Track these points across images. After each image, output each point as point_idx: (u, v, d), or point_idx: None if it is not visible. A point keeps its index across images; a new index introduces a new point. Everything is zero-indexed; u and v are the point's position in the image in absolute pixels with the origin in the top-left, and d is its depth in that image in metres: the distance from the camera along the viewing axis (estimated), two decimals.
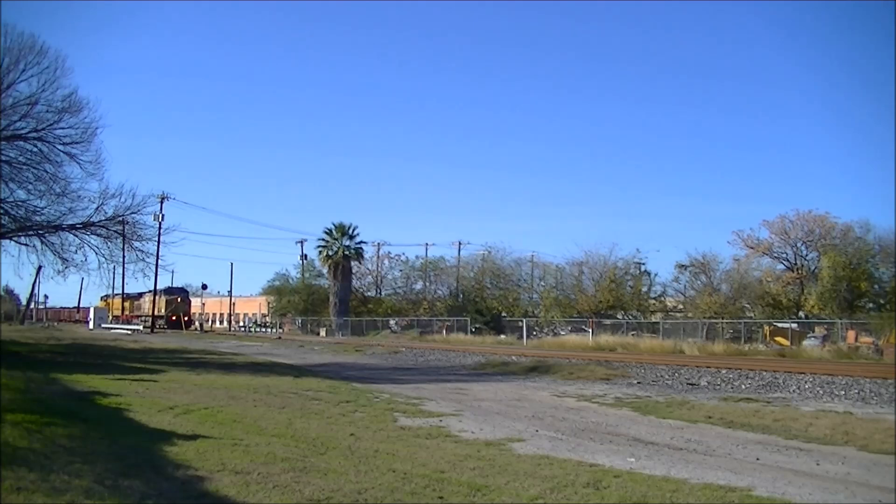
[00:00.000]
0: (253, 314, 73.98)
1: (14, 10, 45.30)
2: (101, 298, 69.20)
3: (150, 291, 63.37)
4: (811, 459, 7.29)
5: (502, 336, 40.60)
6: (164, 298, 61.26)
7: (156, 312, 60.60)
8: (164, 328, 58.02)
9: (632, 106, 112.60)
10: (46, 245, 21.66)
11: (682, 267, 43.60)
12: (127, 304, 66.92)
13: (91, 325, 60.03)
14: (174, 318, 60.41)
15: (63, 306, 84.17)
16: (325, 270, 55.93)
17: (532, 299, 51.81)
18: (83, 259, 22.41)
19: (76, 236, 21.82)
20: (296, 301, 59.91)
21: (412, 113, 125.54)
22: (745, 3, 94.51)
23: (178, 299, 62.59)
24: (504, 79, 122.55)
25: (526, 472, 6.27)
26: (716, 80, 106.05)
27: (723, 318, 35.57)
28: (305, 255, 62.96)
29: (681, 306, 43.90)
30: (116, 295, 64.29)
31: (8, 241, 21.74)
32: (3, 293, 63.11)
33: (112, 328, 58.03)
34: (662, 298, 45.78)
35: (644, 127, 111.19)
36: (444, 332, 42.34)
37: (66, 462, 5.47)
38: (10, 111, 19.66)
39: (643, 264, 46.45)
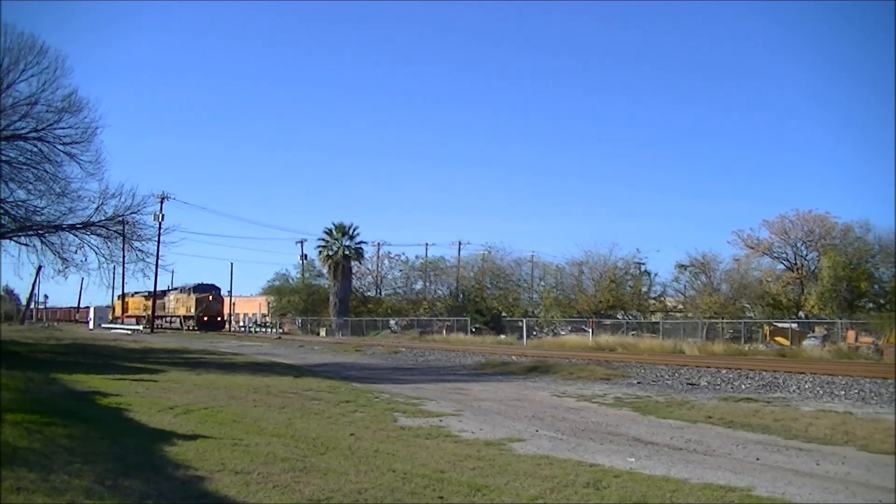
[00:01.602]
0: (253, 314, 73.87)
1: (14, 10, 45.33)
2: (118, 297, 65.77)
3: (176, 289, 59.49)
4: (811, 459, 7.29)
5: (502, 336, 40.59)
6: (194, 297, 55.58)
7: (185, 312, 56.36)
8: (195, 329, 53.12)
9: (632, 105, 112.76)
10: (46, 245, 21.67)
11: (682, 267, 43.69)
12: (148, 304, 60.66)
13: (91, 325, 59.90)
14: (206, 318, 54.30)
15: (63, 306, 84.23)
16: (325, 270, 55.93)
17: (532, 299, 51.84)
18: (83, 259, 22.46)
19: (76, 236, 21.83)
20: (296, 301, 59.85)
21: (412, 113, 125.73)
22: (745, 3, 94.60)
23: (210, 297, 56.02)
24: (504, 79, 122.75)
25: (526, 472, 6.27)
26: (716, 80, 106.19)
27: (723, 318, 35.56)
28: (305, 255, 62.92)
29: (681, 306, 43.90)
30: (136, 293, 61.50)
31: (8, 241, 21.76)
32: (3, 293, 63.11)
33: (112, 328, 57.77)
34: (662, 298, 45.79)
35: (644, 126, 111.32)
36: (444, 332, 42.33)
37: (66, 462, 5.47)
38: (10, 111, 19.66)
39: (643, 264, 46.58)
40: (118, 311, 67.17)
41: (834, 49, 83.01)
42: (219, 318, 56.48)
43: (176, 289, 59.51)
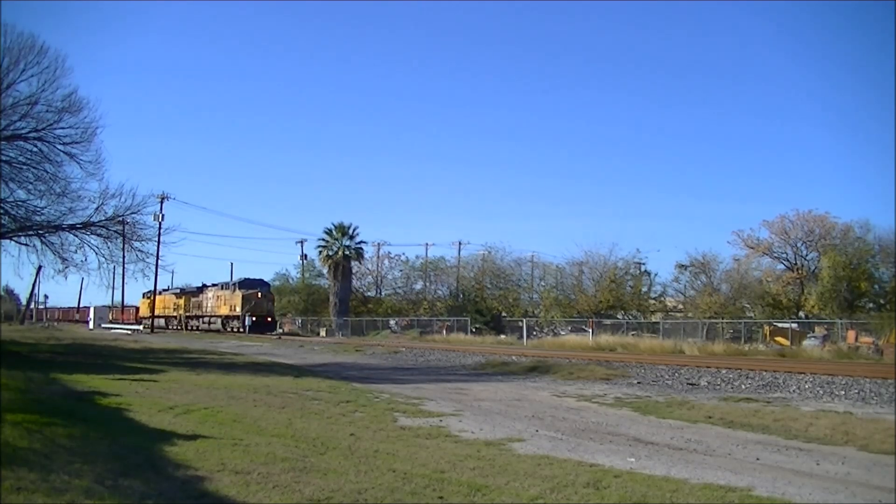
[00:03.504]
0: None
1: (14, 10, 45.38)
2: (144, 295, 61.25)
3: (215, 285, 53.52)
4: (811, 459, 7.29)
5: (502, 336, 40.60)
6: (239, 293, 48.37)
7: (228, 311, 49.94)
8: (239, 330, 46.90)
9: (632, 106, 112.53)
10: (46, 245, 21.72)
11: (682, 267, 43.78)
12: (181, 302, 55.71)
13: (91, 325, 59.86)
14: (254, 318, 47.88)
15: (63, 306, 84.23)
16: (325, 270, 55.89)
17: (532, 299, 51.87)
18: (83, 259, 22.53)
19: (76, 236, 21.88)
20: (296, 301, 59.83)
21: (413, 113, 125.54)
22: (745, 3, 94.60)
23: (259, 294, 49.01)
24: (504, 78, 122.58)
25: (526, 472, 6.27)
26: (716, 80, 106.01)
27: (723, 318, 35.59)
28: (305, 255, 62.85)
29: (681, 306, 43.95)
30: (164, 291, 58.06)
31: (8, 241, 21.80)
32: (3, 293, 63.15)
33: (112, 328, 57.64)
34: (662, 298, 45.85)
35: (644, 127, 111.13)
36: (444, 332, 42.30)
37: (66, 462, 5.47)
38: (10, 111, 19.69)
39: (643, 264, 46.69)
40: (144, 311, 62.48)
41: (834, 49, 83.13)
42: (269, 319, 49.38)
43: (216, 285, 53.96)
